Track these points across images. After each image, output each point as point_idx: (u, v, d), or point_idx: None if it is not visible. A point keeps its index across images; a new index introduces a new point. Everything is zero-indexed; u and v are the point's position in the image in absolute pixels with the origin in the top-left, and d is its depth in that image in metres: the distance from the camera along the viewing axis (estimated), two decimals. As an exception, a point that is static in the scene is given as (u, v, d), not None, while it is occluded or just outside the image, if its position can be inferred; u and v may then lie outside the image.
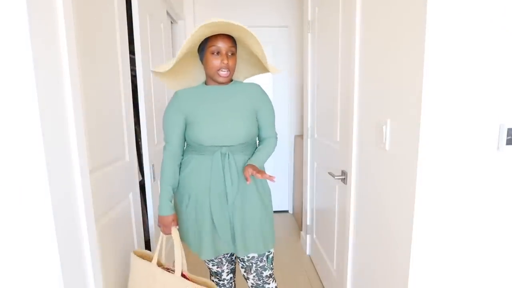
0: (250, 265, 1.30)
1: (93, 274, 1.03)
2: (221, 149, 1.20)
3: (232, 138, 1.19)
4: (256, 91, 1.28)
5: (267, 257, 1.31)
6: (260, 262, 1.29)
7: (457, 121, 0.88)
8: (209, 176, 1.21)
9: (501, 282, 0.99)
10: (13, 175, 0.80)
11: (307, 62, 2.27)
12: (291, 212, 3.31)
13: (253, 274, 1.32)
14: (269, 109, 1.30)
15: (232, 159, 1.20)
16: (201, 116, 1.21)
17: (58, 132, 0.87)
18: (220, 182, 1.20)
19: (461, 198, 0.92)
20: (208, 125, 1.19)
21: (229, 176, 1.20)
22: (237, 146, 1.22)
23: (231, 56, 1.17)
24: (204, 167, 1.21)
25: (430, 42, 0.83)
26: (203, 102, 1.22)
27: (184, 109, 1.23)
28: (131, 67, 1.57)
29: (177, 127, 1.23)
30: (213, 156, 1.20)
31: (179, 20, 2.78)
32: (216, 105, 1.22)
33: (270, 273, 1.35)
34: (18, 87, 0.77)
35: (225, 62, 1.14)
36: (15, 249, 0.83)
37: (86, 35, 1.11)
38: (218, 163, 1.19)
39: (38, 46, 0.78)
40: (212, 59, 1.15)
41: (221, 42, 1.13)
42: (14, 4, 0.74)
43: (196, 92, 1.25)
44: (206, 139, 1.19)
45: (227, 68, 1.16)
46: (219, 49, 1.14)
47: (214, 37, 1.14)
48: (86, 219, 1.00)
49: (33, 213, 0.82)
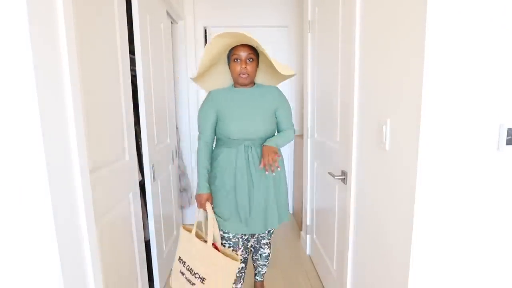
0: (253, 233, 1.61)
1: (93, 274, 1.03)
2: (245, 142, 1.45)
3: (253, 133, 1.45)
4: (274, 93, 1.55)
5: (268, 231, 1.63)
6: (261, 233, 1.58)
7: (457, 121, 0.88)
8: (234, 165, 1.45)
9: (501, 282, 0.99)
10: (13, 175, 0.80)
11: (307, 62, 2.27)
12: (291, 212, 3.31)
13: (254, 239, 1.67)
14: (286, 107, 1.56)
15: (254, 151, 1.45)
16: (229, 113, 1.46)
17: (58, 132, 0.87)
18: (243, 169, 1.44)
19: (461, 198, 0.92)
20: (234, 121, 1.44)
21: (253, 164, 1.45)
22: (257, 140, 1.47)
23: (250, 62, 1.41)
24: (232, 158, 1.46)
25: (430, 42, 0.83)
26: (231, 101, 1.48)
27: (216, 106, 1.49)
28: (131, 67, 1.57)
29: (210, 120, 1.49)
30: (238, 148, 1.45)
31: (179, 20, 2.78)
32: (241, 104, 1.47)
33: (266, 242, 1.70)
34: (18, 87, 0.77)
35: (243, 67, 1.40)
36: (15, 249, 0.83)
37: (86, 35, 1.12)
38: (242, 154, 1.44)
39: (38, 46, 0.78)
40: (234, 65, 1.42)
41: (241, 51, 1.39)
42: (14, 4, 0.74)
43: (225, 92, 1.51)
44: (233, 133, 1.44)
45: (246, 72, 1.41)
46: (240, 56, 1.40)
47: (236, 47, 1.40)
48: (86, 219, 1.00)
49: (33, 213, 0.82)
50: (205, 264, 1.38)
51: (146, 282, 1.72)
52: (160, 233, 2.00)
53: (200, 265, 1.39)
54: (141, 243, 1.64)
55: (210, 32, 2.95)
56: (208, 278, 1.36)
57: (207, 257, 1.38)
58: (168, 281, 2.09)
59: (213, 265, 1.36)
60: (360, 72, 1.32)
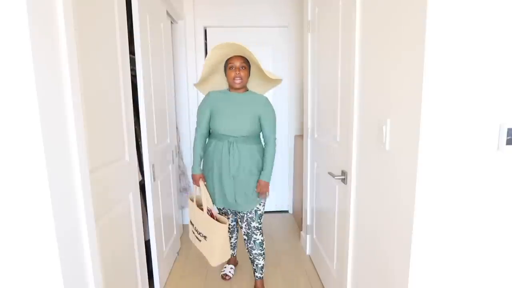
0: (242, 216, 1.87)
1: (93, 274, 1.03)
2: (229, 138, 1.74)
3: (237, 131, 1.72)
4: (262, 101, 1.78)
5: (255, 212, 1.84)
6: (249, 214, 1.84)
7: (457, 121, 0.88)
8: (220, 156, 1.76)
9: (501, 283, 0.98)
10: (13, 175, 0.80)
11: (307, 62, 2.27)
12: (291, 212, 3.31)
13: (245, 223, 1.88)
14: (269, 116, 1.78)
15: (236, 146, 1.74)
16: (220, 112, 1.75)
17: (58, 132, 0.87)
18: (226, 161, 1.74)
19: (461, 198, 0.92)
20: (222, 119, 1.73)
21: (232, 158, 1.73)
22: (240, 138, 1.74)
23: (243, 69, 1.70)
24: (219, 149, 1.76)
25: (430, 41, 0.83)
26: (224, 102, 1.77)
27: (211, 105, 1.79)
28: (131, 67, 1.57)
29: (205, 116, 1.80)
30: (223, 143, 1.74)
31: (179, 20, 2.78)
32: (232, 106, 1.75)
33: (257, 226, 1.87)
34: (18, 87, 0.77)
35: (237, 73, 1.69)
36: (15, 249, 0.83)
37: (86, 35, 1.12)
38: (226, 148, 1.74)
39: (38, 46, 0.78)
40: (230, 72, 1.71)
41: (236, 60, 1.69)
42: (14, 4, 0.74)
43: (221, 94, 1.80)
44: (220, 129, 1.74)
45: (239, 77, 1.70)
46: (234, 64, 1.69)
47: (232, 58, 1.70)
48: (86, 219, 1.00)
49: (33, 213, 0.82)
50: (204, 226, 1.80)
51: (146, 282, 1.72)
52: (160, 233, 2.00)
53: (201, 226, 1.83)
54: (141, 243, 1.64)
55: (209, 32, 2.95)
56: (208, 236, 1.79)
57: (205, 221, 1.80)
58: (168, 281, 2.10)
59: (209, 227, 1.77)
60: (360, 72, 1.32)
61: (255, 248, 1.90)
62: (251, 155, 1.75)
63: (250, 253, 1.93)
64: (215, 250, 1.77)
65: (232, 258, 2.25)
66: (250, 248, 1.91)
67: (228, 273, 2.15)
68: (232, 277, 2.15)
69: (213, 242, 1.77)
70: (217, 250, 1.76)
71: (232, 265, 2.23)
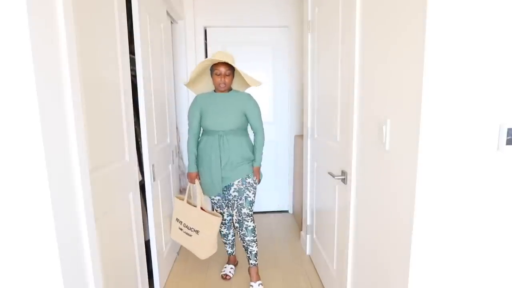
0: (233, 202, 1.98)
1: (93, 274, 1.03)
2: (219, 132, 1.90)
3: (224, 126, 1.90)
4: (245, 98, 1.94)
5: (245, 199, 1.95)
6: (239, 200, 1.95)
7: (457, 121, 0.88)
8: (211, 148, 1.91)
9: (501, 283, 0.99)
10: (13, 175, 0.80)
11: (307, 62, 2.27)
12: (291, 212, 3.31)
13: (236, 210, 1.98)
14: (253, 110, 1.95)
15: (226, 139, 1.90)
16: (209, 111, 1.92)
17: (58, 132, 0.87)
18: (217, 153, 1.90)
19: (461, 198, 0.92)
20: (211, 117, 1.91)
21: (223, 149, 1.91)
22: (228, 131, 1.91)
23: (227, 76, 1.87)
24: (210, 144, 1.92)
25: (430, 41, 0.83)
26: (211, 102, 1.93)
27: (200, 106, 1.95)
28: (131, 67, 1.57)
29: (196, 117, 1.95)
30: (214, 137, 1.91)
31: (179, 20, 2.78)
32: (218, 105, 1.92)
33: (248, 212, 1.96)
34: (18, 88, 0.77)
35: (222, 80, 1.86)
36: (15, 249, 0.83)
37: (86, 35, 1.12)
38: (216, 141, 1.90)
39: (38, 46, 0.78)
40: (216, 78, 1.87)
41: (221, 67, 1.84)
42: (14, 4, 0.74)
43: (208, 96, 1.96)
44: (210, 125, 1.91)
45: (224, 83, 1.87)
46: (220, 71, 1.85)
47: (217, 64, 1.84)
48: (86, 219, 1.00)
49: (33, 213, 0.82)
50: (197, 221, 1.94)
51: (146, 282, 1.72)
52: (160, 233, 2.00)
53: (194, 222, 1.95)
54: (141, 243, 1.64)
55: (210, 32, 2.95)
56: (201, 230, 1.93)
57: (198, 216, 1.93)
58: (168, 281, 2.10)
59: (203, 221, 1.92)
60: (360, 72, 1.32)
61: (247, 234, 1.97)
62: (240, 145, 1.92)
63: (243, 241, 2.00)
64: (206, 243, 1.92)
65: (232, 258, 2.26)
66: (243, 235, 1.98)
67: (228, 273, 2.15)
68: (232, 277, 2.15)
69: (205, 235, 1.91)
70: (208, 243, 1.92)
71: (232, 265, 2.23)
